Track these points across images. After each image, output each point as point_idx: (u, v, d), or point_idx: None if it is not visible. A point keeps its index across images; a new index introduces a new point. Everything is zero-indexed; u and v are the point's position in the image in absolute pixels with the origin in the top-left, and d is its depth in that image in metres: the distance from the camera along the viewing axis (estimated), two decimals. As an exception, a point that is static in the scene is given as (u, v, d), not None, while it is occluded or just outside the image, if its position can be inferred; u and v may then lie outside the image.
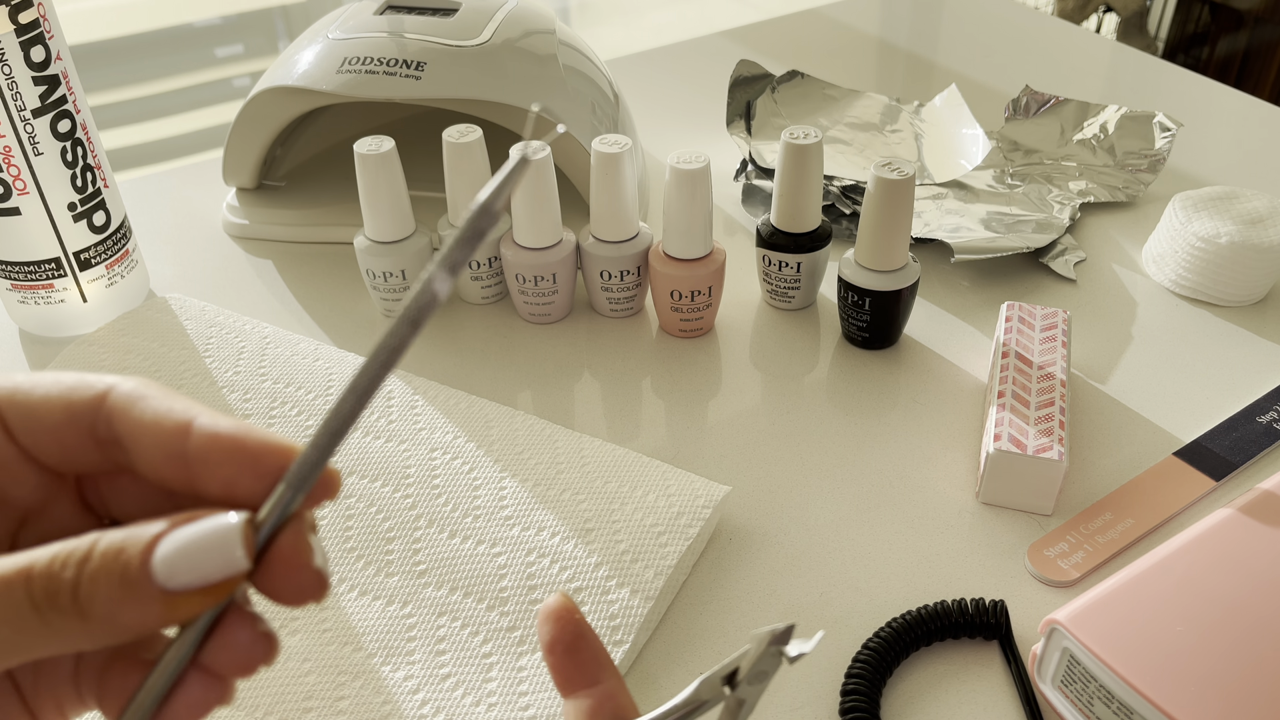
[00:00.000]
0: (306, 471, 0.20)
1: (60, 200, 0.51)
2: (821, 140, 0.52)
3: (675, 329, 0.56)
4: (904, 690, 0.38)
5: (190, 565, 0.18)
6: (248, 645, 0.20)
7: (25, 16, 0.47)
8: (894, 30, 0.95)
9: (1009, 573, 0.43)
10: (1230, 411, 0.51)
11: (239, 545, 0.19)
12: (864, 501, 0.46)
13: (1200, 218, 0.58)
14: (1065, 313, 0.52)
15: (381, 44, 0.58)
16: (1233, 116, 0.79)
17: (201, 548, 0.19)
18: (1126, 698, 0.34)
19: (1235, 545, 0.38)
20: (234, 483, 0.20)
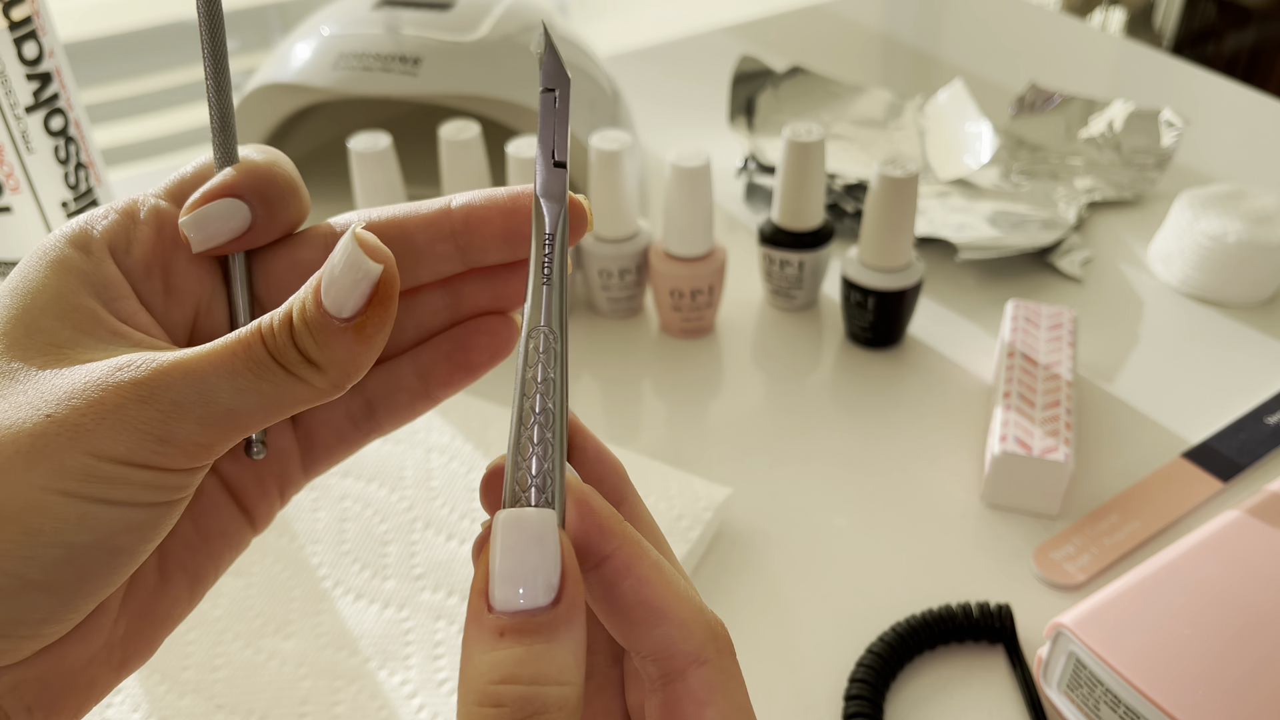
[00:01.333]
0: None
1: (52, 198, 0.51)
2: (824, 137, 0.51)
3: (676, 328, 0.55)
4: (909, 694, 0.38)
5: (345, 291, 0.19)
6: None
7: (18, 13, 0.47)
8: (897, 26, 0.94)
9: (1014, 575, 0.42)
10: (1238, 412, 0.50)
11: (360, 254, 0.20)
12: (868, 503, 0.46)
13: (1208, 216, 0.57)
14: (1071, 312, 0.52)
15: (377, 39, 0.58)
16: (1240, 113, 0.78)
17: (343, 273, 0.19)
18: (1133, 702, 0.33)
19: (1244, 548, 0.37)
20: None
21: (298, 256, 0.24)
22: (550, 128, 0.21)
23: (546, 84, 0.21)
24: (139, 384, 0.19)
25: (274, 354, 0.19)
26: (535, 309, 0.21)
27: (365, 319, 0.20)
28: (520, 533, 0.18)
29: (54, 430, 0.18)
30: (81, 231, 0.22)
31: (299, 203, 0.23)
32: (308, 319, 0.19)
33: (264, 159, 0.23)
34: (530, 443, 0.20)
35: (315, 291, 0.20)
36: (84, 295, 0.21)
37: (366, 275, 0.20)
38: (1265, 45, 1.47)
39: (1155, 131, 0.68)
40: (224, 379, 0.19)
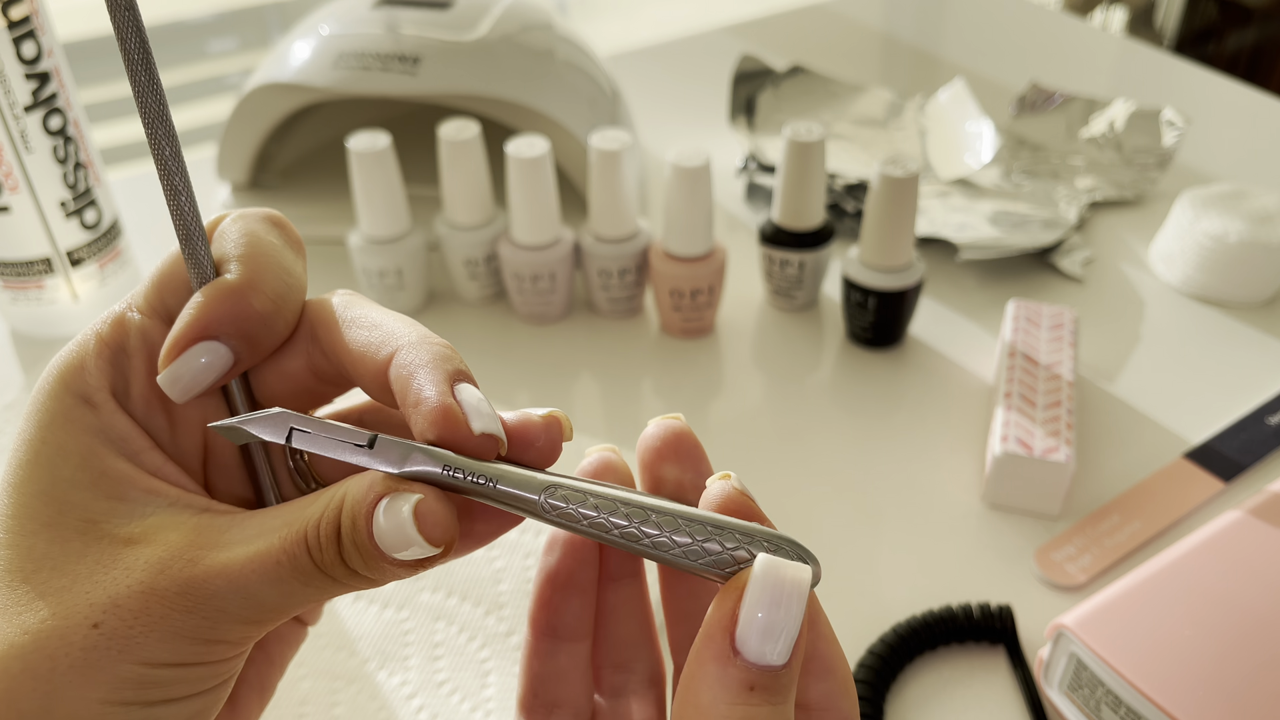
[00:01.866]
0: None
1: (51, 198, 0.51)
2: (825, 137, 0.51)
3: (676, 328, 0.55)
4: (909, 695, 0.38)
5: (400, 545, 0.19)
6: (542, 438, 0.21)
7: (16, 12, 0.47)
8: (898, 25, 0.94)
9: (1015, 576, 0.42)
10: (1240, 412, 0.50)
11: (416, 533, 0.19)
12: (868, 504, 0.46)
13: (1209, 215, 0.57)
14: (1073, 312, 0.52)
15: (376, 39, 0.58)
16: (1242, 113, 0.78)
17: (398, 527, 0.19)
18: (1134, 703, 0.33)
19: (1245, 548, 0.37)
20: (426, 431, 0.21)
21: (284, 367, 0.22)
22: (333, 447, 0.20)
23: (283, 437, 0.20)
24: (182, 594, 0.18)
25: (320, 566, 0.19)
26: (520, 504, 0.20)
27: (421, 566, 0.19)
28: (783, 587, 0.18)
29: (104, 644, 0.18)
30: (79, 380, 0.21)
31: (285, 318, 0.22)
32: (359, 546, 0.19)
33: (238, 276, 0.21)
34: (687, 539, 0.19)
35: (367, 524, 0.19)
36: (108, 456, 0.20)
37: (425, 551, 0.19)
38: (1266, 45, 1.47)
39: (1156, 131, 0.68)
40: (269, 586, 0.19)
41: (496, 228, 0.55)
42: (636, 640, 0.24)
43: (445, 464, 0.20)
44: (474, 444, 0.20)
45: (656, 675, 0.25)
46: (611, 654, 0.24)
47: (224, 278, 0.21)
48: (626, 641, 0.24)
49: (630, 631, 0.24)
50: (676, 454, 0.22)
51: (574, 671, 0.24)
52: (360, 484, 0.19)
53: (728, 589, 0.18)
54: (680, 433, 0.22)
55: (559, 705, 0.24)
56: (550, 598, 0.23)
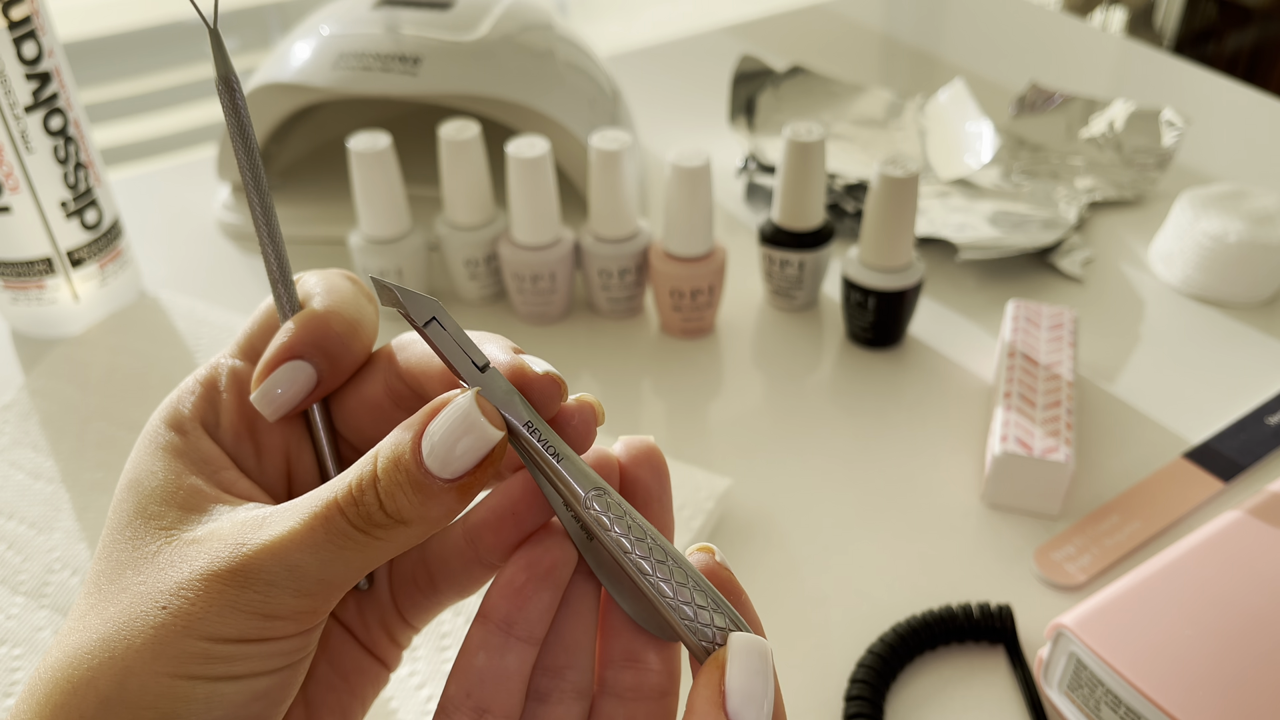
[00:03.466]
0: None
1: (52, 198, 0.51)
2: (824, 137, 0.51)
3: (676, 328, 0.55)
4: (909, 695, 0.38)
5: (455, 454, 0.20)
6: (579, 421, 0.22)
7: (17, 12, 0.47)
8: (898, 25, 0.94)
9: (1015, 576, 0.42)
10: (1240, 412, 0.50)
11: (480, 418, 0.20)
12: (868, 504, 0.46)
13: (1209, 215, 0.57)
14: (1072, 312, 0.52)
15: (377, 39, 0.58)
16: (1241, 113, 0.78)
17: (454, 434, 0.20)
18: (1134, 703, 0.33)
19: (1245, 548, 0.37)
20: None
21: (364, 394, 0.24)
22: (454, 352, 0.21)
23: (422, 319, 0.21)
24: (234, 572, 0.20)
25: (355, 523, 0.20)
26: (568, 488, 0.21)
27: (472, 480, 0.20)
28: (760, 659, 0.20)
29: (170, 622, 0.20)
30: (175, 413, 0.24)
31: (361, 341, 0.24)
32: (408, 476, 0.20)
33: (319, 305, 0.24)
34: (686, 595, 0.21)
35: (415, 451, 0.20)
36: (187, 475, 0.23)
37: (484, 441, 0.20)
38: (1266, 45, 1.47)
39: (1156, 131, 0.68)
40: (308, 553, 0.20)
41: (497, 228, 0.55)
42: (578, 645, 0.24)
43: (531, 421, 0.21)
44: (540, 382, 0.22)
45: (585, 688, 0.24)
46: (546, 654, 0.23)
47: (306, 308, 0.24)
48: (566, 644, 0.23)
49: (576, 634, 0.24)
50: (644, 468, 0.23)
51: (518, 677, 0.23)
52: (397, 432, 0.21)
53: (709, 668, 0.20)
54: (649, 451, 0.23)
55: (490, 712, 0.23)
56: (523, 586, 0.22)
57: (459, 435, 0.20)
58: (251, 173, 0.23)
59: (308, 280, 0.25)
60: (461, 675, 0.23)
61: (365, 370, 0.25)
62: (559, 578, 0.23)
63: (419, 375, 0.24)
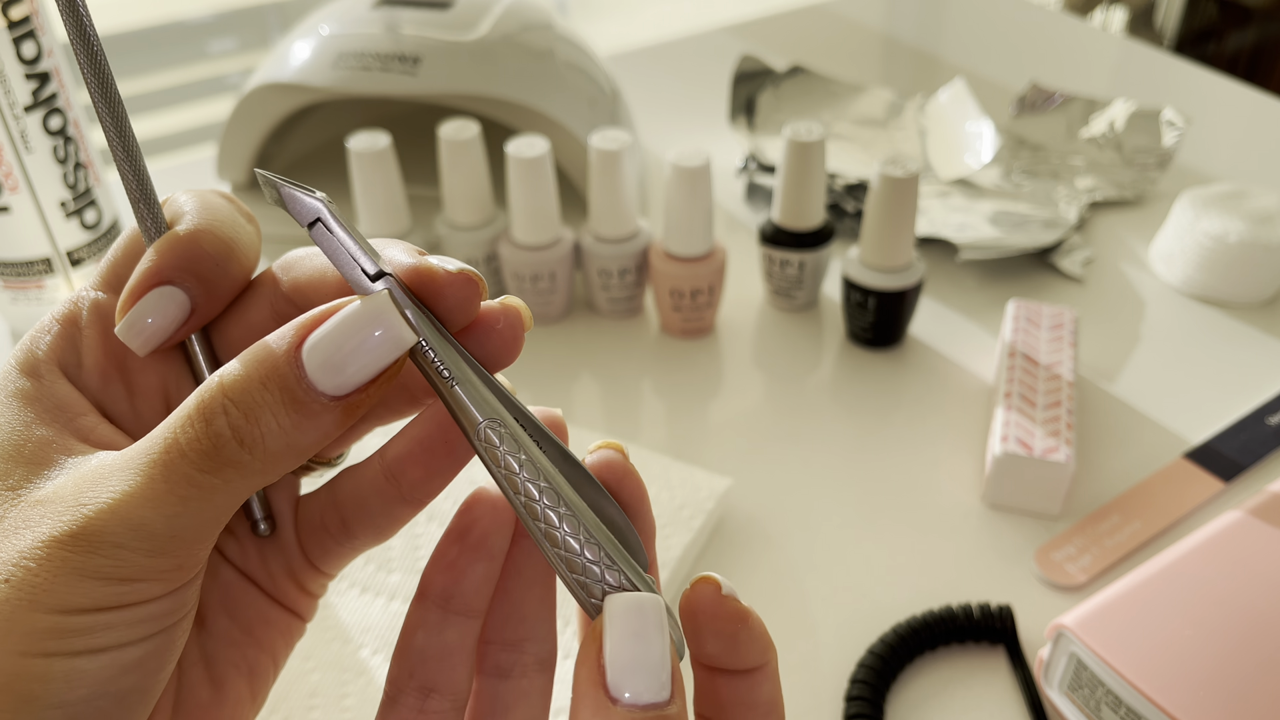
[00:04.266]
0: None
1: (51, 198, 0.51)
2: (825, 137, 0.51)
3: (676, 328, 0.55)
4: (909, 695, 0.38)
5: (352, 361, 0.17)
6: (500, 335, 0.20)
7: (16, 12, 0.47)
8: (898, 25, 0.94)
9: (1016, 576, 0.42)
10: (1240, 412, 0.50)
11: (394, 315, 0.18)
12: (868, 504, 0.46)
13: (1209, 215, 0.57)
14: (1073, 312, 0.52)
15: (376, 39, 0.58)
16: (1242, 112, 0.78)
17: (356, 338, 0.17)
18: (1134, 703, 0.33)
19: (1245, 548, 0.37)
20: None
21: (248, 321, 0.22)
22: (341, 255, 0.19)
23: (306, 220, 0.19)
24: (75, 536, 0.18)
25: (200, 464, 0.17)
26: (465, 415, 0.19)
27: (362, 396, 0.18)
28: (640, 618, 0.17)
29: (13, 596, 0.17)
30: (29, 355, 0.21)
31: (239, 263, 0.21)
32: (281, 390, 0.17)
33: (191, 226, 0.21)
34: (574, 546, 0.18)
35: (294, 360, 0.17)
36: (36, 425, 0.20)
37: (396, 343, 0.18)
38: (1266, 45, 1.47)
39: (1156, 131, 0.68)
40: (150, 508, 0.18)
41: (496, 228, 0.55)
42: (533, 615, 0.22)
43: (425, 339, 0.18)
44: (455, 283, 0.19)
45: (548, 658, 0.22)
46: (503, 628, 0.22)
47: (174, 229, 0.21)
48: (523, 615, 0.22)
49: (529, 604, 0.22)
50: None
51: (460, 652, 0.21)
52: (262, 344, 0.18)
53: (587, 640, 0.18)
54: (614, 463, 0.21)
55: (436, 690, 0.21)
56: (455, 559, 0.21)
57: (362, 336, 0.17)
58: (96, 78, 0.20)
59: (177, 199, 0.22)
60: (403, 656, 0.21)
61: (248, 295, 0.22)
62: (493, 546, 0.21)
63: (309, 292, 0.21)
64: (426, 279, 0.19)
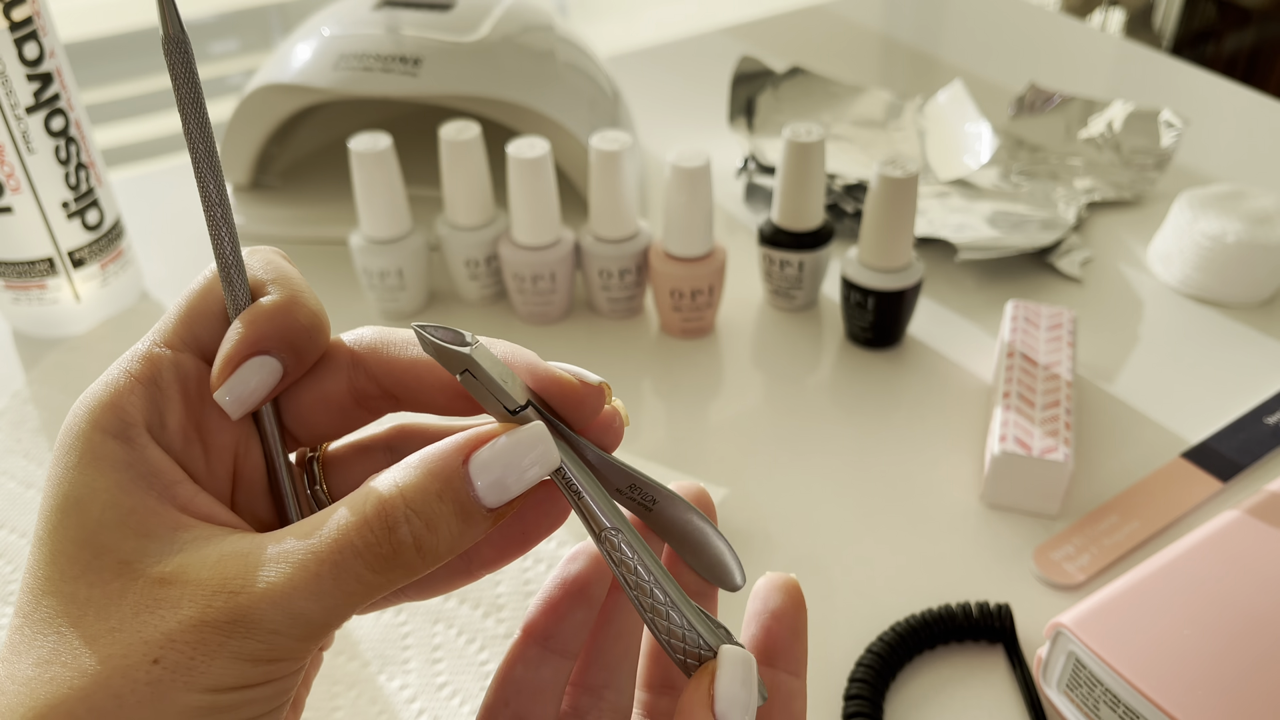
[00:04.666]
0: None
1: (53, 198, 0.51)
2: (824, 137, 0.51)
3: (676, 329, 0.55)
4: (908, 694, 0.38)
5: (516, 479, 0.19)
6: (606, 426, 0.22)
7: (19, 13, 0.47)
8: (897, 26, 0.94)
9: (1014, 575, 0.42)
10: (1238, 412, 0.50)
11: (549, 443, 0.20)
12: (867, 503, 0.46)
13: (1207, 216, 0.57)
14: (1071, 312, 0.52)
15: (377, 40, 0.58)
16: (1240, 113, 0.78)
17: (521, 461, 0.20)
18: (1133, 702, 0.33)
19: (1243, 548, 0.37)
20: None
21: (323, 390, 0.23)
22: (488, 399, 0.21)
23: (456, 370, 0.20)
24: (233, 623, 0.18)
25: (373, 564, 0.19)
26: (594, 521, 0.21)
27: (509, 509, 0.20)
28: (749, 670, 0.21)
29: (168, 677, 0.18)
30: (114, 417, 0.20)
31: (325, 334, 0.23)
32: (456, 503, 0.19)
33: (280, 296, 0.22)
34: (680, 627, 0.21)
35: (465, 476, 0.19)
36: (136, 493, 0.20)
37: (548, 467, 0.20)
38: (1265, 46, 1.47)
39: (1155, 132, 0.68)
40: (313, 601, 0.19)
41: (497, 228, 0.55)
42: (618, 664, 0.24)
43: (564, 466, 0.21)
44: (591, 395, 0.21)
45: (623, 708, 0.24)
46: (588, 673, 0.24)
47: (266, 298, 0.22)
48: (609, 663, 0.24)
49: (616, 653, 0.24)
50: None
51: (552, 688, 0.23)
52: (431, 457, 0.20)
53: (700, 674, 0.21)
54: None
55: (526, 719, 0.23)
56: (559, 603, 0.23)
57: (523, 460, 0.19)
58: (205, 148, 0.21)
59: (249, 264, 0.22)
60: (501, 684, 0.23)
61: (322, 365, 0.23)
62: (591, 595, 0.23)
63: (401, 379, 0.22)
64: (569, 394, 0.21)
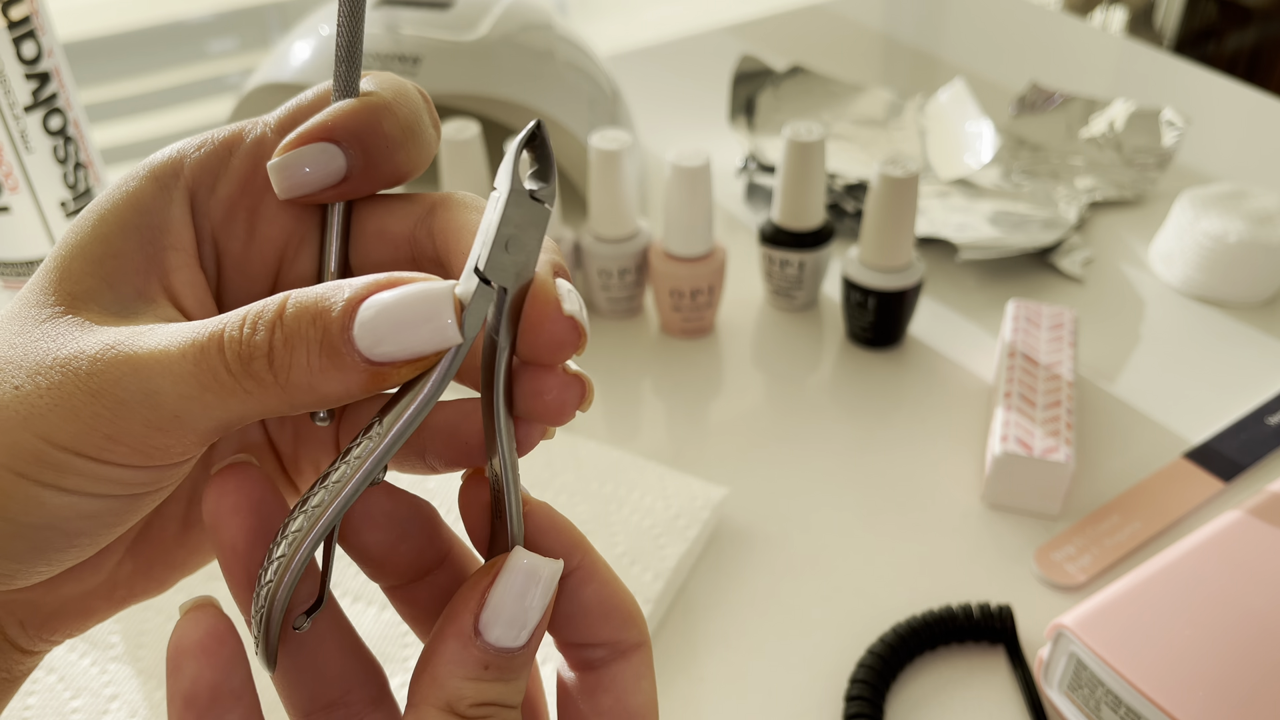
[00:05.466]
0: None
1: (51, 198, 0.51)
2: (824, 137, 0.51)
3: (676, 328, 0.55)
4: (909, 695, 0.38)
5: (396, 335, 0.17)
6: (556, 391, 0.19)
7: (16, 12, 0.47)
8: (898, 25, 0.94)
9: (1015, 576, 0.42)
10: (1240, 412, 0.50)
11: (449, 314, 0.17)
12: (868, 504, 0.46)
13: (1209, 216, 0.57)
14: (1072, 312, 0.52)
15: (377, 38, 0.58)
16: (1241, 113, 0.78)
17: (408, 317, 0.17)
18: (1134, 703, 0.33)
19: (1245, 548, 0.37)
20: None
21: (386, 226, 0.21)
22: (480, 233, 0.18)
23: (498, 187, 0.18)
24: (92, 375, 0.18)
25: (229, 364, 0.17)
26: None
27: (391, 371, 0.17)
28: (530, 581, 0.19)
29: (14, 405, 0.18)
30: (169, 162, 0.20)
31: (409, 156, 0.21)
32: (323, 335, 0.17)
33: (380, 100, 0.21)
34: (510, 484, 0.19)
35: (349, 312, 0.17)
36: (133, 240, 0.20)
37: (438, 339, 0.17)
38: (1266, 45, 1.47)
39: (1156, 131, 0.68)
40: (169, 381, 0.17)
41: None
42: (342, 666, 0.21)
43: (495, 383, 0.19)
44: (559, 324, 0.19)
45: (379, 691, 0.22)
46: (315, 697, 0.21)
47: (370, 92, 0.21)
48: (330, 675, 0.21)
49: (331, 660, 0.21)
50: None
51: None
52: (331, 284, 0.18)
53: (480, 573, 0.19)
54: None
55: None
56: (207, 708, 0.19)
57: (414, 320, 0.17)
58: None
59: (377, 76, 0.21)
60: None
61: (402, 202, 0.21)
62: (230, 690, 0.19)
63: (452, 232, 0.21)
64: (540, 300, 0.19)
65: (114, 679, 0.37)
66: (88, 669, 0.38)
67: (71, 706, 0.36)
